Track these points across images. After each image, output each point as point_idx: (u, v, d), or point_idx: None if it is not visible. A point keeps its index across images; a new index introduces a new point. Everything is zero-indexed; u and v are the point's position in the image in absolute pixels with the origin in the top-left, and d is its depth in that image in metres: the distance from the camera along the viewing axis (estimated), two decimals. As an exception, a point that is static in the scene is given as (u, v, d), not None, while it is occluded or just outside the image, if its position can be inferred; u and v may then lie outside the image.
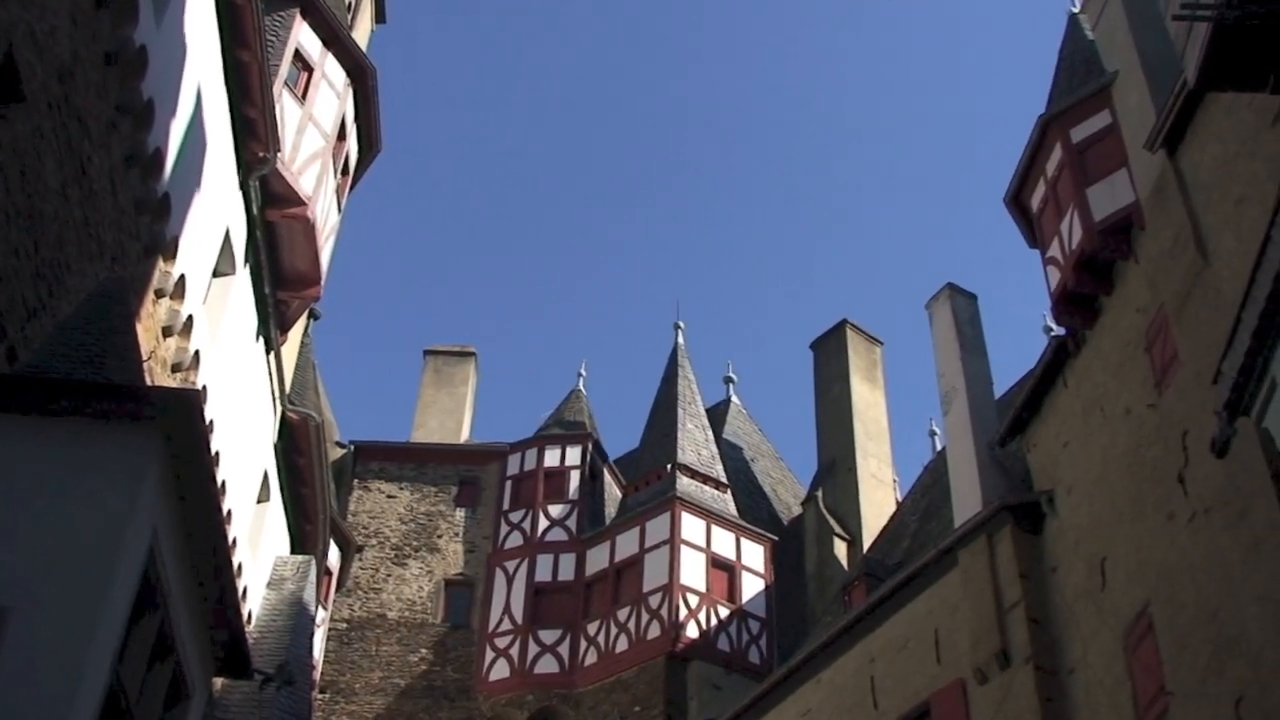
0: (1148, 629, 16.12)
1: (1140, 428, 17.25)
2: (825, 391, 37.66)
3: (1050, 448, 19.94)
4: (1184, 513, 15.73)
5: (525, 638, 32.03)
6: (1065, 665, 17.91)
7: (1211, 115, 16.30)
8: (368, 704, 31.43)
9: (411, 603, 33.25)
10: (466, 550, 34.39)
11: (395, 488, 35.43)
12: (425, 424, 38.83)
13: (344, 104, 21.40)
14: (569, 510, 34.15)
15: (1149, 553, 16.43)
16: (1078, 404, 19.31)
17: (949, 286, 24.10)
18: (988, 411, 22.38)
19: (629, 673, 30.37)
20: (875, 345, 38.95)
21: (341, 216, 22.55)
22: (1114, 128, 19.39)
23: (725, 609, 31.26)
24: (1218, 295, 15.53)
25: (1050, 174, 20.32)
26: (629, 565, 32.05)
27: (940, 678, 19.81)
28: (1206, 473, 15.14)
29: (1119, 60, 19.58)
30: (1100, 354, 18.91)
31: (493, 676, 31.79)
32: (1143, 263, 18.06)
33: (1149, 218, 17.93)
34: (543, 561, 33.26)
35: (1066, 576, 18.48)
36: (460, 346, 41.17)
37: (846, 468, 35.08)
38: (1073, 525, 18.69)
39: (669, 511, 32.11)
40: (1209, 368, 13.47)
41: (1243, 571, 14.18)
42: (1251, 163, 15.09)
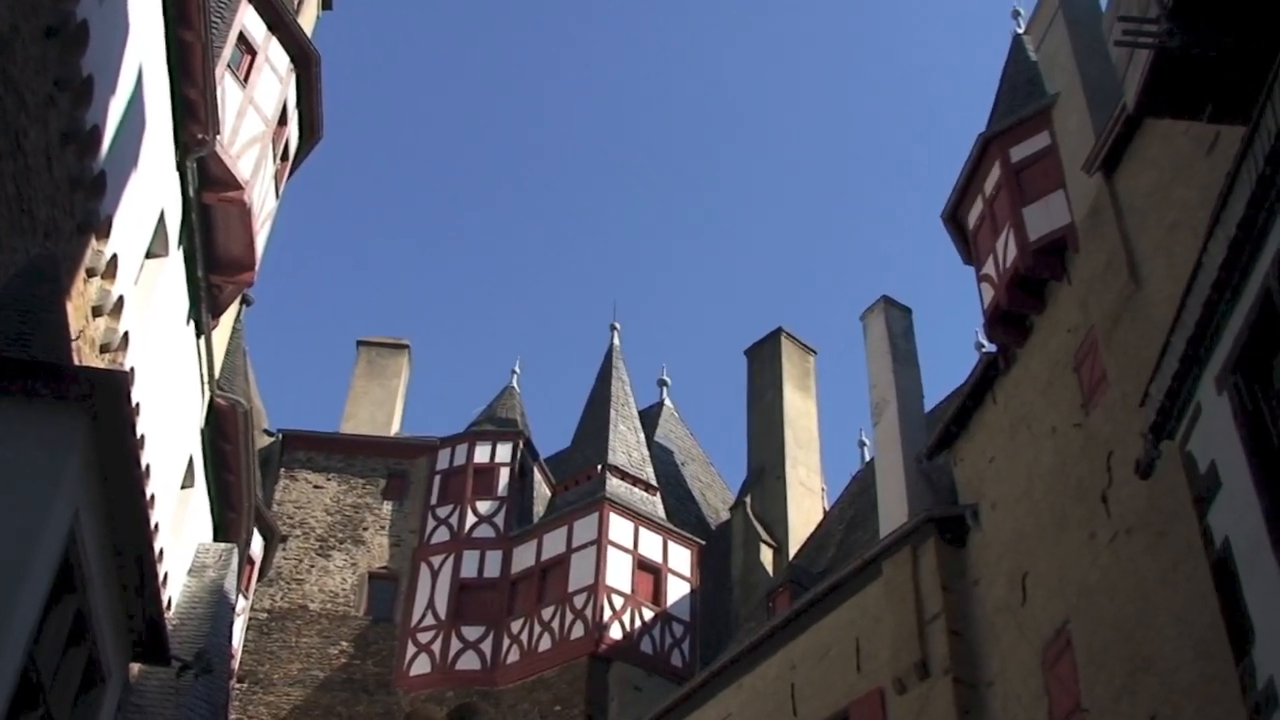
0: (1066, 645, 16.32)
1: (1066, 446, 17.46)
2: (758, 398, 37.82)
3: (977, 462, 20.14)
4: (1106, 532, 15.94)
5: (448, 634, 31.89)
6: (984, 678, 18.09)
7: (1149, 141, 16.54)
8: (286, 695, 31.16)
9: (334, 595, 33.00)
10: (392, 544, 34.16)
11: (322, 478, 35.13)
12: (355, 415, 38.54)
13: (286, 89, 21.21)
14: (497, 507, 34.03)
15: (1070, 570, 16.63)
16: (1006, 420, 19.51)
17: (884, 299, 24.28)
18: (917, 424, 22.57)
19: (551, 672, 30.34)
20: (809, 354, 39.16)
21: (279, 202, 22.35)
22: (1053, 149, 19.62)
23: (650, 611, 31.30)
24: (1148, 319, 15.75)
25: (988, 192, 20.52)
26: (555, 564, 32.00)
27: (860, 687, 19.96)
28: (1129, 494, 15.35)
29: (1061, 82, 19.81)
30: (1030, 372, 19.12)
31: (413, 671, 31.62)
32: (1075, 284, 18.27)
33: (1083, 240, 18.16)
34: (469, 558, 33.12)
35: (988, 590, 18.67)
36: (394, 339, 40.91)
37: (775, 475, 35.24)
38: (996, 540, 18.88)
39: (598, 512, 32.11)
40: (1136, 390, 13.66)
41: (1161, 592, 14.40)
42: (1186, 189, 15.32)
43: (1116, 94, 16.31)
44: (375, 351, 40.30)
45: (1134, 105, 13.06)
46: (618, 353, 38.75)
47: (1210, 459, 10.70)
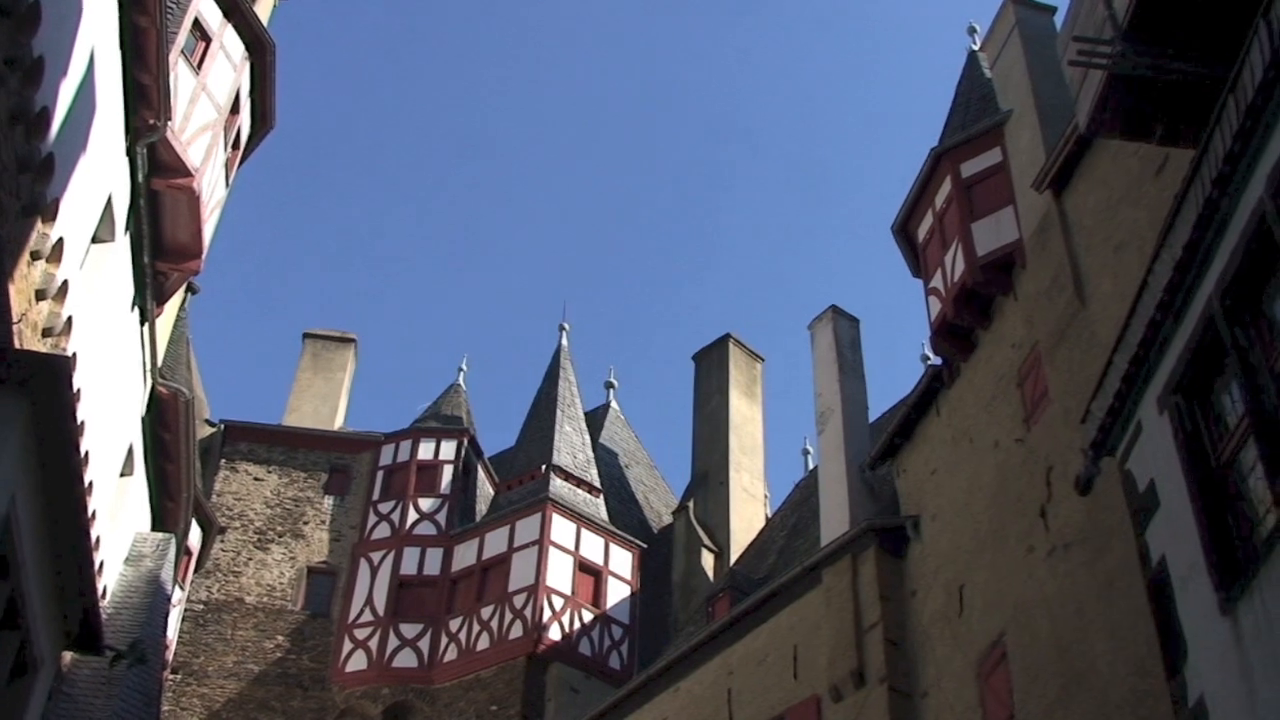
0: (1001, 658, 16.46)
1: (1007, 460, 17.61)
2: (704, 403, 37.89)
3: (919, 474, 20.28)
4: (1044, 546, 16.09)
5: (385, 630, 31.73)
6: (919, 688, 18.21)
7: (1099, 161, 16.71)
8: (219, 687, 30.90)
9: (271, 588, 32.74)
10: (332, 538, 33.94)
11: (263, 470, 34.86)
12: (299, 408, 38.28)
13: (240, 77, 21.04)
14: (440, 505, 33.90)
15: (1007, 583, 16.77)
16: (948, 433, 19.66)
17: (832, 309, 24.41)
18: (861, 434, 22.71)
19: (488, 671, 30.26)
20: (756, 361, 39.28)
21: (229, 191, 22.16)
22: (1004, 166, 19.79)
23: (589, 613, 31.30)
24: (1091, 337, 15.92)
25: (938, 206, 20.67)
26: (496, 564, 31.92)
27: (796, 693, 20.04)
28: (1068, 509, 15.50)
29: (1014, 100, 19.99)
30: (974, 386, 19.27)
31: (349, 668, 31.43)
32: (1021, 300, 18.44)
33: (1030, 257, 18.32)
34: (409, 554, 32.97)
35: (925, 601, 18.80)
36: (341, 332, 40.66)
37: (719, 480, 35.33)
38: (935, 551, 19.02)
39: (540, 512, 32.06)
40: (1078, 407, 13.80)
41: (1096, 607, 14.55)
42: (1134, 210, 15.49)
43: (1068, 113, 16.48)
44: (321, 344, 40.03)
45: (1085, 125, 13.20)
46: (566, 353, 38.72)
47: (1149, 478, 10.82)
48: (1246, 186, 9.42)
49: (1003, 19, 21.08)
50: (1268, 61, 8.95)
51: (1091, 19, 12.39)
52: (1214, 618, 9.46)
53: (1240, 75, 9.33)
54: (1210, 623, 9.52)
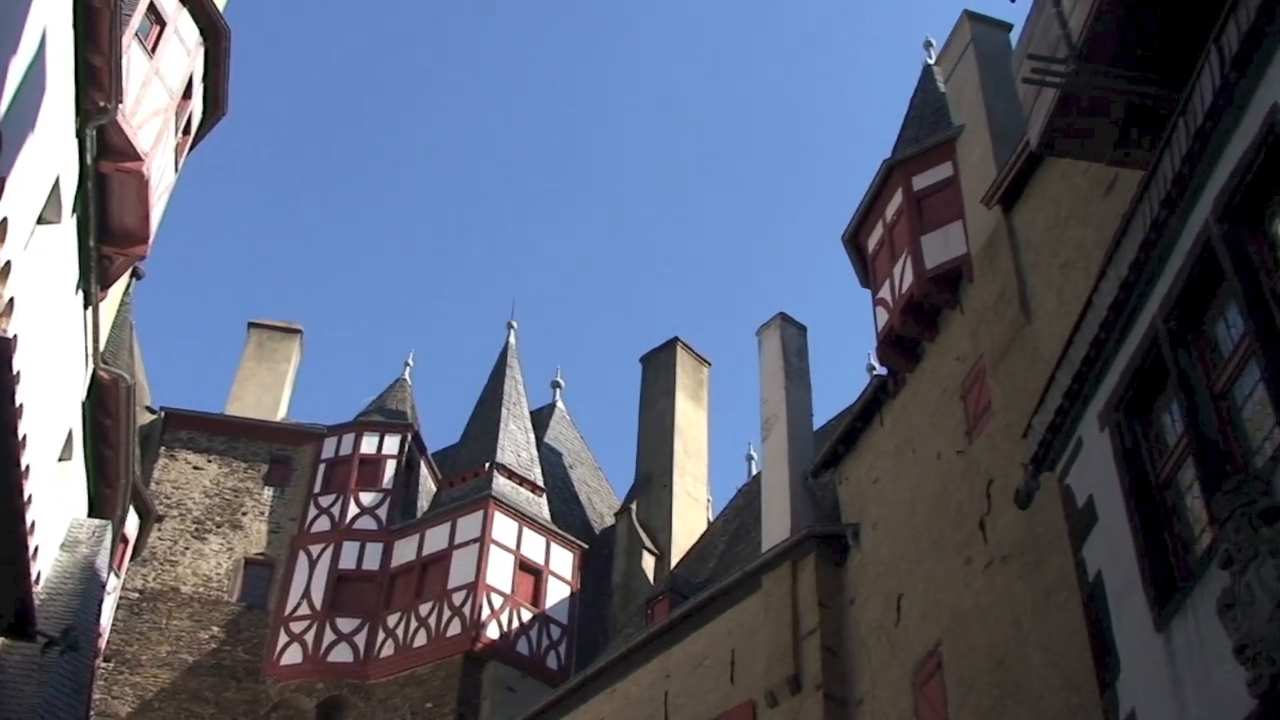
0: (936, 668, 16.59)
1: (948, 472, 17.75)
2: (650, 406, 37.93)
3: (861, 483, 20.40)
4: (982, 558, 16.23)
5: (322, 624, 31.52)
6: (854, 696, 18.32)
7: (1049, 178, 16.87)
8: (152, 677, 30.59)
9: (208, 578, 32.44)
10: (271, 530, 33.67)
11: (203, 459, 34.53)
12: (241, 397, 37.94)
13: (194, 62, 20.87)
14: (381, 499, 33.73)
15: (945, 594, 16.90)
16: (892, 443, 19.78)
17: (781, 316, 24.49)
18: (805, 441, 22.80)
19: (424, 668, 30.14)
20: (703, 365, 39.36)
21: (178, 177, 21.98)
22: (955, 180, 19.94)
23: (528, 612, 31.25)
24: (1035, 353, 16.07)
25: (889, 218, 20.80)
26: (436, 560, 31.80)
27: (732, 697, 20.11)
28: (1007, 522, 15.64)
29: (967, 115, 20.15)
30: (918, 397, 19.40)
31: (284, 661, 31.20)
32: (967, 313, 18.59)
33: (978, 271, 18.47)
34: (349, 549, 32.77)
35: (863, 609, 18.91)
36: (287, 323, 40.34)
37: (663, 483, 35.37)
38: (875, 560, 19.14)
39: (482, 510, 31.98)
40: (1020, 421, 13.92)
41: (1032, 620, 14.69)
42: (1081, 228, 15.66)
43: (1020, 130, 16.63)
44: (266, 334, 39.71)
45: (1037, 142, 13.32)
46: (513, 351, 38.65)
47: (1088, 494, 10.95)
48: (1193, 209, 9.56)
49: (958, 34, 21.25)
50: (1217, 86, 9.09)
51: (1046, 38, 12.51)
52: (1148, 634, 9.59)
53: (1191, 99, 9.46)
54: (1144, 638, 9.64)
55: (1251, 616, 8.05)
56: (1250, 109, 8.93)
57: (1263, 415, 8.81)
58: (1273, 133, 8.65)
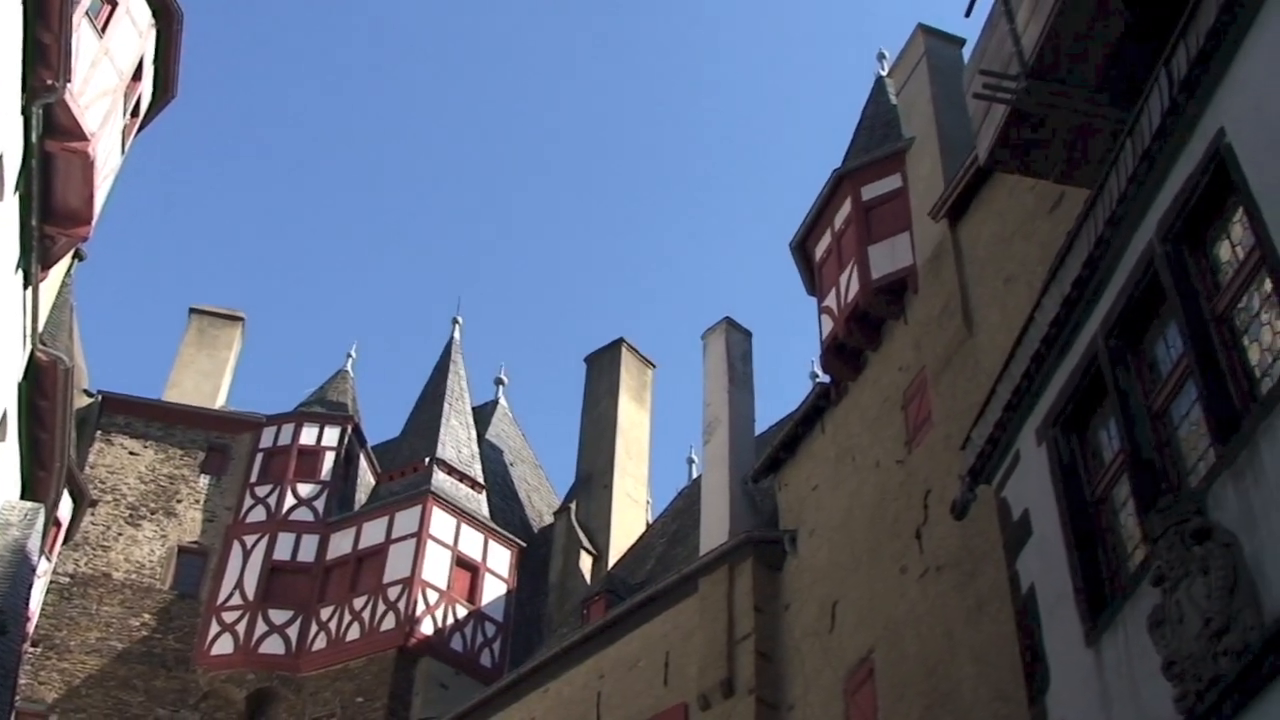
0: (868, 675, 16.68)
1: (887, 481, 17.86)
2: (593, 406, 37.91)
3: (800, 489, 20.48)
4: (917, 568, 16.34)
5: (254, 615, 31.27)
6: (786, 701, 18.39)
7: (996, 194, 17.02)
8: (81, 663, 30.22)
9: (140, 565, 32.09)
10: (205, 519, 33.35)
11: (140, 445, 34.16)
12: (180, 383, 37.53)
13: (145, 43, 20.70)
14: (318, 491, 33.51)
15: (879, 602, 17.00)
16: (832, 450, 19.88)
17: (726, 320, 24.55)
18: (746, 446, 22.87)
19: (357, 662, 29.98)
20: (648, 367, 39.40)
21: (124, 159, 21.77)
22: (903, 191, 20.07)
23: (464, 609, 31.15)
24: (976, 365, 16.20)
25: (837, 227, 20.91)
26: (372, 554, 31.65)
27: (665, 700, 20.14)
28: (943, 533, 15.75)
29: (917, 128, 20.29)
30: (859, 406, 19.51)
31: (215, 651, 30.92)
32: (911, 324, 18.71)
33: (923, 283, 18.60)
34: (284, 540, 32.53)
35: (798, 615, 18.99)
36: (229, 310, 39.96)
37: (603, 484, 35.36)
38: (811, 566, 19.22)
39: (421, 505, 31.86)
40: (959, 433, 14.03)
41: (964, 631, 14.80)
42: (1026, 244, 15.80)
43: (969, 145, 16.75)
44: (207, 321, 39.31)
45: (985, 158, 13.43)
46: (457, 347, 38.53)
47: (1024, 507, 11.04)
48: (1137, 229, 9.67)
49: (912, 47, 21.41)
50: (1165, 109, 9.20)
51: (999, 54, 12.62)
52: (1078, 647, 9.68)
53: (1139, 120, 9.57)
54: (1074, 652, 9.74)
55: (1181, 634, 8.16)
56: (1196, 132, 9.04)
57: (1198, 435, 8.92)
58: (1218, 156, 8.77)
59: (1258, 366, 8.40)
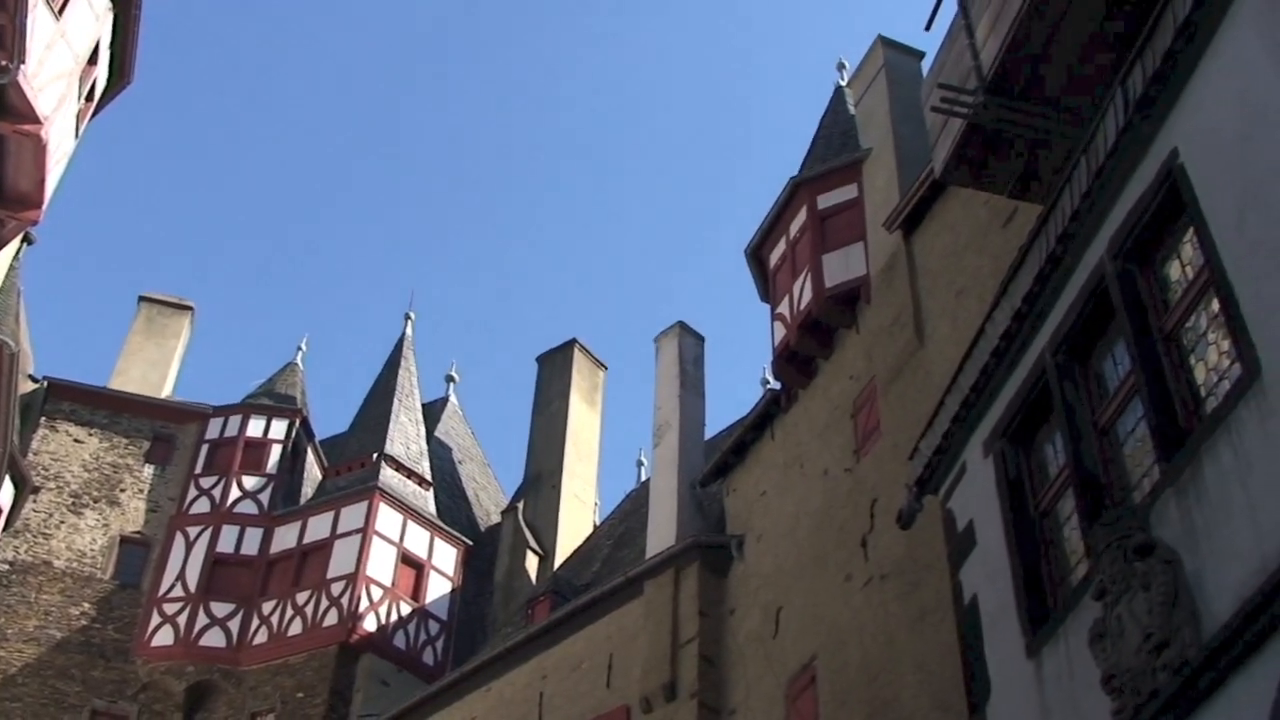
0: (810, 681, 16.73)
1: (834, 489, 17.92)
2: (544, 406, 37.84)
3: (749, 495, 20.52)
4: (861, 576, 16.40)
5: (196, 607, 31.02)
6: (728, 705, 18.43)
7: (950, 206, 17.12)
8: (18, 651, 29.86)
9: (82, 554, 31.75)
10: (149, 509, 33.04)
11: (84, 432, 33.80)
12: (127, 371, 37.18)
13: (101, 27, 20.50)
14: (264, 484, 33.28)
15: (823, 609, 17.06)
16: (781, 457, 19.93)
17: (679, 324, 24.57)
18: (696, 450, 22.90)
19: (298, 657, 29.80)
20: (600, 369, 39.37)
21: (78, 143, 21.55)
22: (859, 201, 20.15)
23: (408, 606, 31.02)
24: (926, 377, 16.29)
25: (792, 234, 20.97)
26: (317, 549, 31.46)
27: (608, 702, 20.13)
28: (889, 542, 15.82)
29: (874, 138, 20.39)
30: (809, 413, 19.57)
31: (155, 642, 30.65)
32: (863, 334, 18.79)
33: (876, 293, 18.68)
34: (228, 532, 32.30)
35: (742, 620, 19.03)
36: (179, 299, 39.63)
37: (551, 484, 35.30)
38: (757, 571, 19.27)
39: (367, 501, 31.72)
40: (907, 443, 14.10)
41: (907, 640, 14.87)
42: (978, 258, 15.90)
43: (925, 157, 16.83)
44: (157, 309, 38.97)
45: (940, 171, 13.49)
46: (409, 342, 38.39)
47: (969, 518, 11.12)
48: (1089, 246, 9.76)
49: (871, 59, 21.51)
50: (1120, 127, 9.29)
51: (957, 68, 12.69)
52: (1019, 659, 9.76)
53: (1094, 138, 9.66)
54: (1015, 664, 9.82)
55: (1121, 648, 8.24)
56: (1150, 152, 9.14)
57: (1143, 452, 9.02)
58: (1170, 176, 8.86)
59: (1204, 385, 8.50)
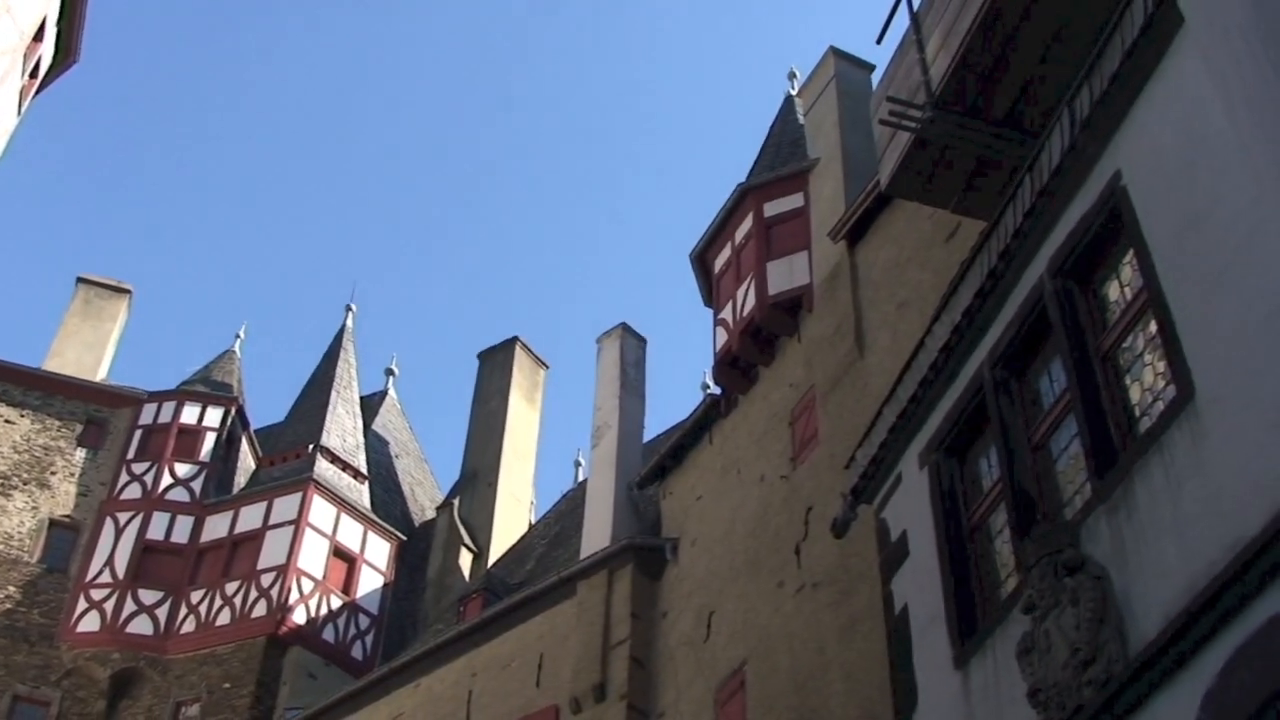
0: (740, 686, 16.79)
1: (770, 495, 17.99)
2: (483, 402, 37.72)
3: (685, 499, 20.56)
4: (794, 583, 16.47)
5: (123, 594, 30.66)
6: (657, 708, 18.45)
7: (894, 219, 17.23)
8: (-62, 634, 29.42)
9: (8, 536, 31.28)
10: (80, 493, 32.61)
11: (16, 413, 33.31)
12: (62, 353, 36.69)
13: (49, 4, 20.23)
14: (197, 471, 32.94)
15: (754, 615, 17.11)
16: (718, 462, 19.98)
17: (622, 326, 24.58)
18: (634, 452, 22.92)
19: (226, 648, 29.53)
20: (541, 368, 39.30)
21: (20, 121, 21.26)
22: (805, 210, 20.24)
23: (338, 600, 30.83)
24: (865, 387, 16.39)
25: (738, 240, 21.03)
26: (248, 539, 31.20)
27: (536, 701, 20.10)
28: (822, 550, 15.90)
29: (822, 149, 20.49)
30: (748, 419, 19.63)
31: (81, 628, 30.26)
32: (804, 342, 18.87)
33: (818, 302, 18.77)
34: (159, 519, 31.94)
35: (674, 623, 19.06)
36: (117, 281, 39.17)
37: (488, 482, 35.18)
38: (690, 575, 19.30)
39: (301, 492, 31.50)
40: (844, 452, 14.17)
41: (836, 648, 14.95)
42: (920, 271, 16.02)
43: (872, 169, 16.95)
44: (94, 291, 38.49)
45: (886, 183, 13.61)
46: (349, 334, 38.15)
47: (903, 529, 11.19)
48: (1029, 264, 9.85)
49: (822, 69, 21.62)
50: (1066, 147, 9.39)
51: (907, 82, 12.79)
52: (946, 670, 9.83)
53: (1039, 157, 9.75)
54: (942, 675, 9.89)
55: (1048, 662, 8.32)
56: (1094, 173, 9.24)
57: (1076, 469, 9.12)
58: (1113, 198, 8.97)
59: (1138, 406, 8.60)
